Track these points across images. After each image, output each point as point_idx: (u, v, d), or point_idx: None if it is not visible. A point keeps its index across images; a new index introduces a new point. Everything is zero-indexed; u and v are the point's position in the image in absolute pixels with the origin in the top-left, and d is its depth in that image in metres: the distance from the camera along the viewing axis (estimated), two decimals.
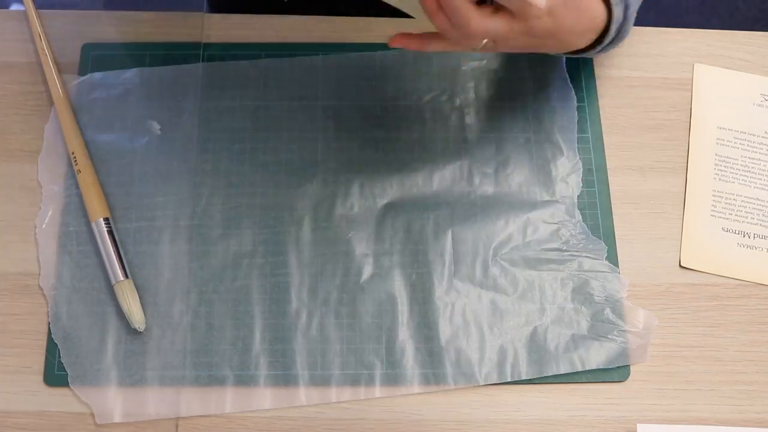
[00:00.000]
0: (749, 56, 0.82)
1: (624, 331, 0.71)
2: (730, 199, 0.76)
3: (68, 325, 0.69)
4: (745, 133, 0.79)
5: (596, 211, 0.75)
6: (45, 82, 0.77)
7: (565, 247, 0.73)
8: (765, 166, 0.77)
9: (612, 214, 0.75)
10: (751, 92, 0.81)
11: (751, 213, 0.76)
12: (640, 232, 0.75)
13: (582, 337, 0.70)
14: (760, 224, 0.75)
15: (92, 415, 0.67)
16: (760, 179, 0.77)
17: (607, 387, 0.70)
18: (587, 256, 0.73)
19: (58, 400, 0.67)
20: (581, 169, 0.76)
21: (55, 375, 0.68)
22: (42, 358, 0.68)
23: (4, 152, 0.75)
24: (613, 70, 0.81)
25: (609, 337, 0.70)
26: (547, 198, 0.75)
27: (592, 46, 0.70)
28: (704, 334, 0.72)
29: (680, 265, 0.74)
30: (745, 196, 0.76)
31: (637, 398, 0.69)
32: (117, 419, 0.67)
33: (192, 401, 0.67)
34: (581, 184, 0.76)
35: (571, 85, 0.79)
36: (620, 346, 0.70)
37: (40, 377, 0.68)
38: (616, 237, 0.74)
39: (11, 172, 0.74)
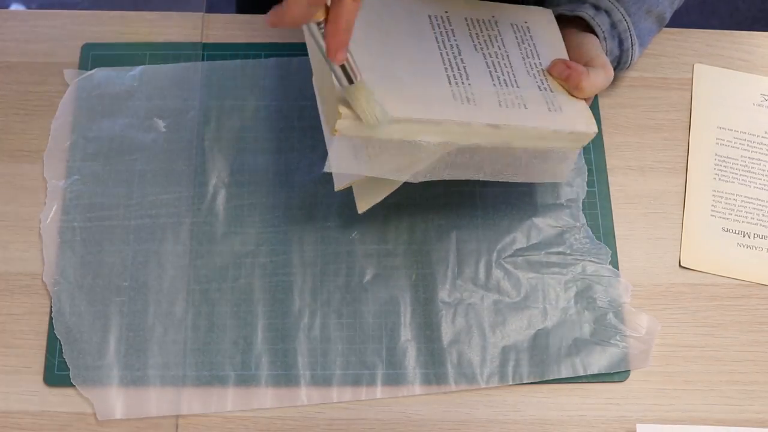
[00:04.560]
0: (749, 56, 0.82)
1: (626, 336, 0.71)
2: (730, 199, 0.76)
3: (71, 321, 0.69)
4: (745, 133, 0.79)
5: (596, 211, 0.75)
6: (46, 82, 0.77)
7: (569, 251, 0.73)
8: (765, 166, 0.78)
9: (612, 215, 0.75)
10: (751, 92, 0.81)
11: (751, 213, 0.76)
12: (640, 232, 0.75)
13: (584, 342, 0.70)
14: (760, 224, 0.75)
15: (92, 415, 0.67)
16: (760, 179, 0.77)
17: (607, 387, 0.70)
18: (591, 260, 0.73)
19: (58, 400, 0.67)
20: (586, 173, 0.76)
21: (55, 375, 0.68)
22: (42, 358, 0.68)
23: (4, 152, 0.75)
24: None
25: (611, 341, 0.70)
26: (551, 201, 0.75)
27: None
28: (704, 334, 0.72)
29: (680, 265, 0.74)
30: (745, 196, 0.76)
31: (637, 398, 0.69)
32: (118, 416, 0.67)
33: (193, 400, 0.67)
34: (586, 187, 0.76)
35: None
36: (622, 351, 0.70)
37: (40, 377, 0.68)
38: (616, 237, 0.74)
39: (11, 172, 0.74)
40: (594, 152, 0.77)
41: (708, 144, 0.78)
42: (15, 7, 1.65)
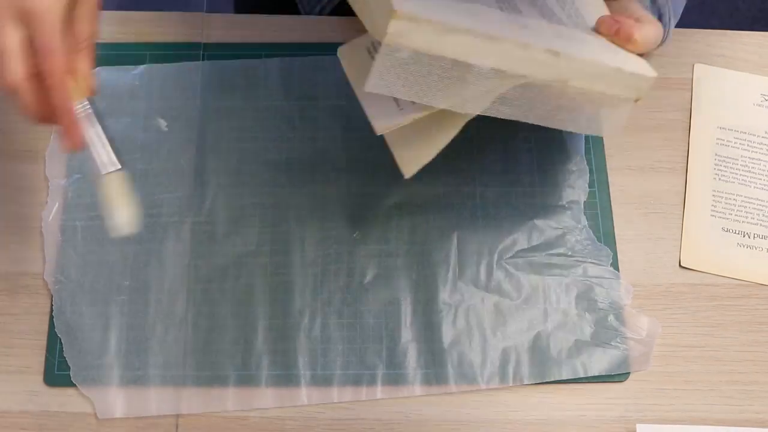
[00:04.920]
0: (749, 56, 0.82)
1: (627, 338, 0.71)
2: (730, 199, 0.76)
3: (71, 320, 0.69)
4: (745, 133, 0.79)
5: (596, 211, 0.75)
6: None
7: (570, 253, 0.73)
8: (765, 166, 0.78)
9: (612, 215, 0.75)
10: (751, 92, 0.81)
11: (751, 213, 0.76)
12: (640, 232, 0.75)
13: (585, 343, 0.70)
14: (760, 224, 0.75)
15: (92, 414, 0.67)
16: (760, 179, 0.77)
17: (607, 387, 0.70)
18: (592, 262, 0.73)
19: (58, 400, 0.67)
20: (588, 174, 0.76)
21: (55, 375, 0.68)
22: (42, 358, 0.68)
23: (5, 152, 0.75)
24: None
25: (612, 344, 0.70)
26: (553, 202, 0.75)
27: None
28: (704, 334, 0.72)
29: (680, 265, 0.74)
30: (745, 196, 0.76)
31: (637, 398, 0.69)
32: (118, 415, 0.67)
33: (193, 400, 0.67)
34: (587, 189, 0.76)
35: None
36: (623, 353, 0.70)
37: (40, 377, 0.68)
38: (616, 237, 0.74)
39: (12, 171, 0.74)
40: (594, 153, 0.77)
41: (708, 144, 0.78)
42: None
